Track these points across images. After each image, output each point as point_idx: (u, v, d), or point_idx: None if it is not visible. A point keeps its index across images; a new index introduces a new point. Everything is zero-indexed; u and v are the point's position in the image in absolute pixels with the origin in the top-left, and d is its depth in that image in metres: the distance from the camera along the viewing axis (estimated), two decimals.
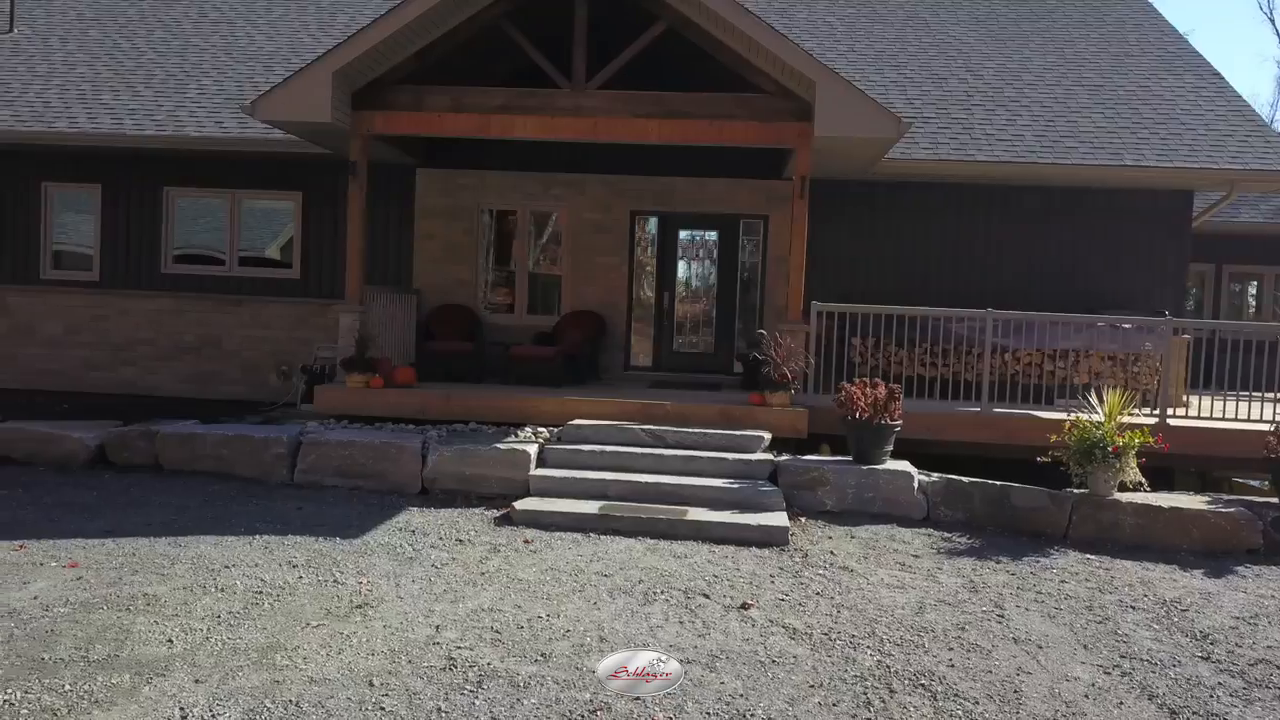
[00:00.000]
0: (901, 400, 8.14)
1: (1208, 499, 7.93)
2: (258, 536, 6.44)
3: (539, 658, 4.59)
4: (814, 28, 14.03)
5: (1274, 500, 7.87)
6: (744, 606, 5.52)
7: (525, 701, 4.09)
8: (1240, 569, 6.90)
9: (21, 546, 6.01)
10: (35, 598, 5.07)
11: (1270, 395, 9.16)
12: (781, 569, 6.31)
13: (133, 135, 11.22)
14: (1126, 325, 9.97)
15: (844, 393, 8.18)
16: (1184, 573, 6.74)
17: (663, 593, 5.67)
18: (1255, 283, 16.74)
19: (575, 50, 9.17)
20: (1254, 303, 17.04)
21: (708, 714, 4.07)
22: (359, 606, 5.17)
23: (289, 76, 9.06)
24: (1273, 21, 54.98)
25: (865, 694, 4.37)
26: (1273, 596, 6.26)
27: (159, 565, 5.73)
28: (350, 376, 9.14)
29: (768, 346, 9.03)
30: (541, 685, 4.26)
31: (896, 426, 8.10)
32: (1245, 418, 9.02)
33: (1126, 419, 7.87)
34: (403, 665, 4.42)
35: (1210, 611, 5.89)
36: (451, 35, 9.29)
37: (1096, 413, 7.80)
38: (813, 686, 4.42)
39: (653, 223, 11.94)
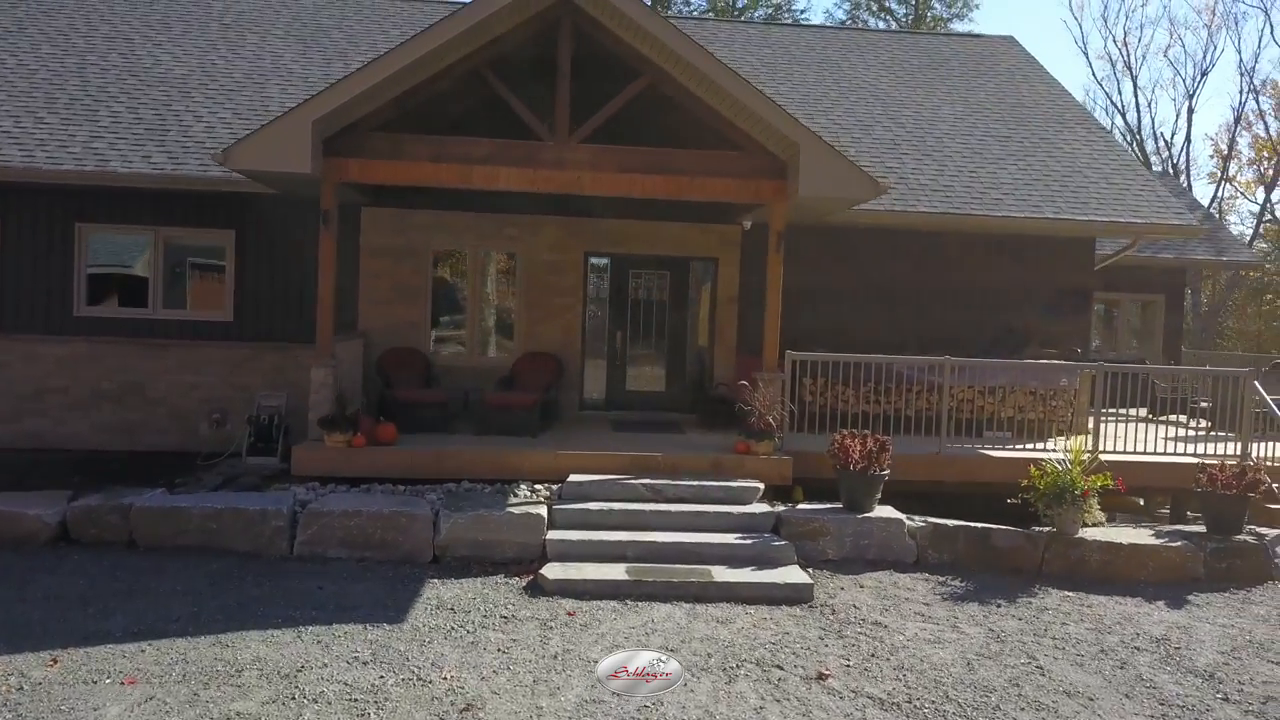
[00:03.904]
0: (891, 450, 8.66)
1: (1151, 533, 8.87)
2: (304, 629, 6.17)
3: None
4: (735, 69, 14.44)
5: (1203, 530, 8.89)
6: (820, 677, 5.80)
7: None
8: (1193, 598, 7.81)
9: (55, 661, 5.54)
10: None
11: (1135, 412, 10.51)
12: (824, 630, 6.64)
13: (50, 170, 10.29)
14: (1047, 366, 11.01)
15: (837, 444, 8.61)
16: (1151, 605, 7.56)
17: (738, 667, 5.87)
18: (1102, 307, 18.94)
19: (558, 103, 9.16)
20: (1104, 323, 19.41)
21: None
22: (465, 710, 5.10)
23: (264, 125, 8.60)
24: (1086, 55, 60.64)
25: None
26: (1234, 626, 7.14)
27: (224, 675, 5.43)
28: (330, 436, 8.80)
29: (751, 396, 9.35)
30: None
31: (885, 475, 8.61)
32: (1160, 451, 10.17)
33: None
34: None
35: (1196, 648, 6.65)
36: (431, 83, 9.09)
37: (1056, 453, 8.60)
38: None
39: (606, 264, 12.05)
